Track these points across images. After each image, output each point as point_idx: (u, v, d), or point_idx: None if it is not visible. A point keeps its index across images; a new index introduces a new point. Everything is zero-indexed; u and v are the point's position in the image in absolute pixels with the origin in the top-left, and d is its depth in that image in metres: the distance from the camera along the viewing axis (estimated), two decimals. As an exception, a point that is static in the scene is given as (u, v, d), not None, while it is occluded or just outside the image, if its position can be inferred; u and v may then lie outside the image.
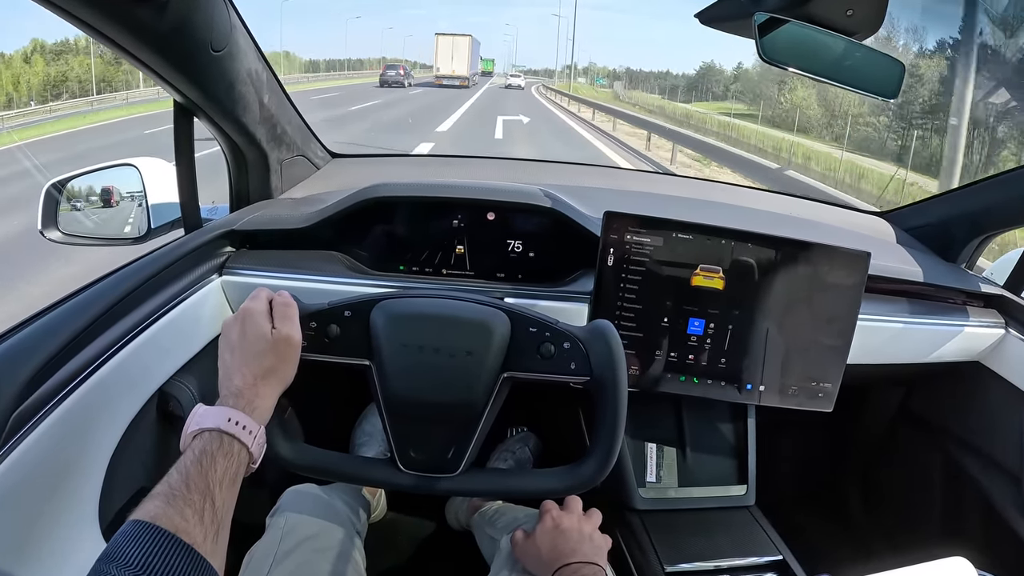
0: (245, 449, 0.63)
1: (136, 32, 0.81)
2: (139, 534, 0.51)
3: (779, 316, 1.00)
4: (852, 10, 0.89)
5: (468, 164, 1.70)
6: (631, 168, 2.05)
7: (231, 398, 0.66)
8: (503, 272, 1.13)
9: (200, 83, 0.96)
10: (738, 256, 0.98)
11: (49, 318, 0.80)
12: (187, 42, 0.88)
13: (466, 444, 0.78)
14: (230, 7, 0.94)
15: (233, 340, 0.71)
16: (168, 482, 0.56)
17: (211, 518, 0.55)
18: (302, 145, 1.33)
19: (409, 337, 0.75)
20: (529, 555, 0.87)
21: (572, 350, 0.75)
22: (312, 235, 1.10)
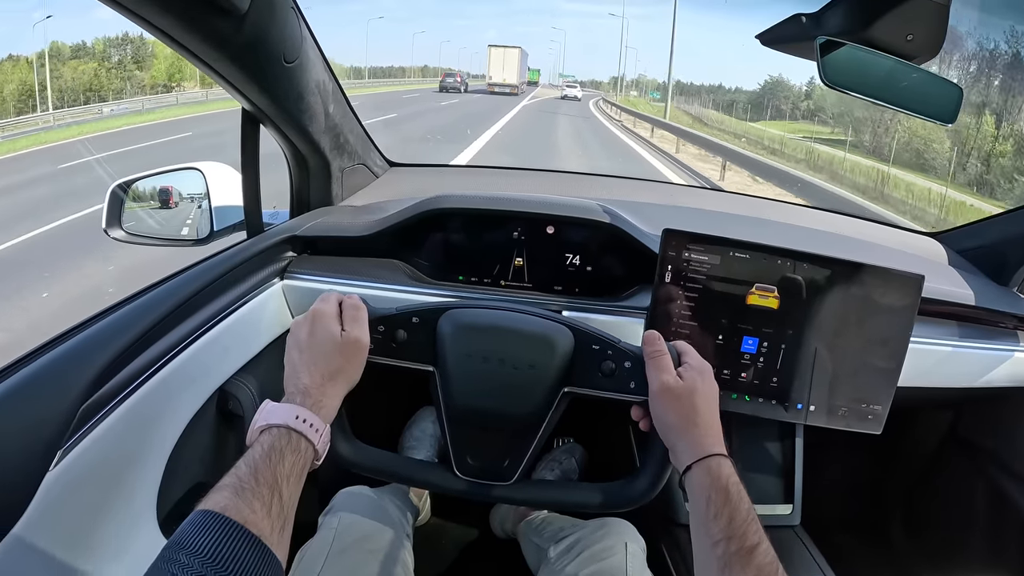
0: (311, 446, 0.64)
1: (215, 44, 0.84)
2: (209, 524, 0.52)
3: (831, 336, 1.00)
4: (912, 35, 0.89)
5: (524, 176, 1.71)
6: (683, 183, 2.05)
7: (299, 396, 0.67)
8: (560, 285, 1.14)
9: (271, 93, 0.98)
10: (793, 275, 0.98)
11: (120, 314, 0.83)
12: (262, 54, 0.91)
13: (522, 454, 0.80)
14: (301, 20, 0.96)
15: (302, 339, 0.72)
16: (236, 474, 0.57)
17: (278, 511, 0.56)
18: (363, 154, 1.36)
19: (475, 347, 0.77)
20: (676, 408, 0.71)
21: (633, 369, 0.76)
22: (373, 243, 1.12)
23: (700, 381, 0.72)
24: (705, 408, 0.70)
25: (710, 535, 0.62)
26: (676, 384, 0.71)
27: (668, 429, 0.71)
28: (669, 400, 0.71)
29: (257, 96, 0.98)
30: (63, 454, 0.69)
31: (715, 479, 0.65)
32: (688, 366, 0.73)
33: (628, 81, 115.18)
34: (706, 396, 0.71)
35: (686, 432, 0.69)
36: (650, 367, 0.73)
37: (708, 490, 0.64)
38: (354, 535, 0.95)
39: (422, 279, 1.14)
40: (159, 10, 0.74)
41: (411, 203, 1.11)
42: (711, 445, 0.68)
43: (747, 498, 0.64)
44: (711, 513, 0.63)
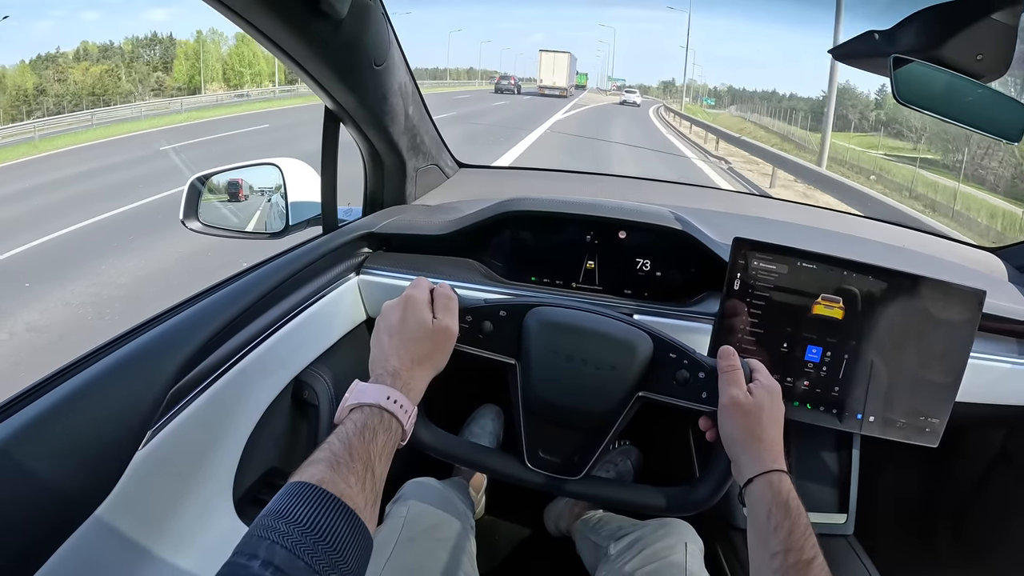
0: (400, 427, 0.66)
1: (312, 44, 0.87)
2: (308, 494, 0.53)
3: (892, 349, 1.01)
4: (982, 55, 0.91)
5: (591, 181, 1.73)
6: (746, 192, 2.06)
7: (388, 377, 0.68)
8: (630, 289, 1.16)
9: (358, 93, 1.02)
10: (858, 287, 1.00)
11: (207, 303, 0.86)
12: (354, 56, 0.94)
13: (592, 452, 0.82)
14: (390, 25, 1.00)
15: (393, 323, 0.74)
16: (330, 449, 0.58)
17: (371, 487, 0.58)
18: (436, 155, 1.39)
19: (558, 344, 0.80)
20: (743, 423, 0.73)
21: (706, 380, 0.78)
22: (448, 242, 1.15)
23: (768, 400, 0.74)
24: (770, 426, 0.73)
25: (769, 546, 0.64)
26: (745, 400, 0.73)
27: (733, 442, 0.73)
28: (737, 414, 0.73)
29: (344, 96, 1.01)
30: (152, 435, 0.72)
31: (776, 493, 0.67)
32: (759, 384, 0.76)
33: (677, 87, 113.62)
34: (772, 415, 0.74)
35: (750, 446, 0.72)
36: (723, 380, 0.76)
37: (769, 503, 0.67)
38: (423, 524, 0.97)
39: (496, 279, 1.16)
40: (262, 12, 0.77)
41: (485, 204, 1.14)
42: (773, 460, 0.70)
43: (805, 514, 0.66)
44: (771, 525, 0.65)
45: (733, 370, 0.76)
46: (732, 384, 0.75)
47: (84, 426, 0.65)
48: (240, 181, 1.28)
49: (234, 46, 34.16)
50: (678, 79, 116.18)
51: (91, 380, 0.68)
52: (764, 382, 0.76)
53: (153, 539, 0.75)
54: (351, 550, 0.52)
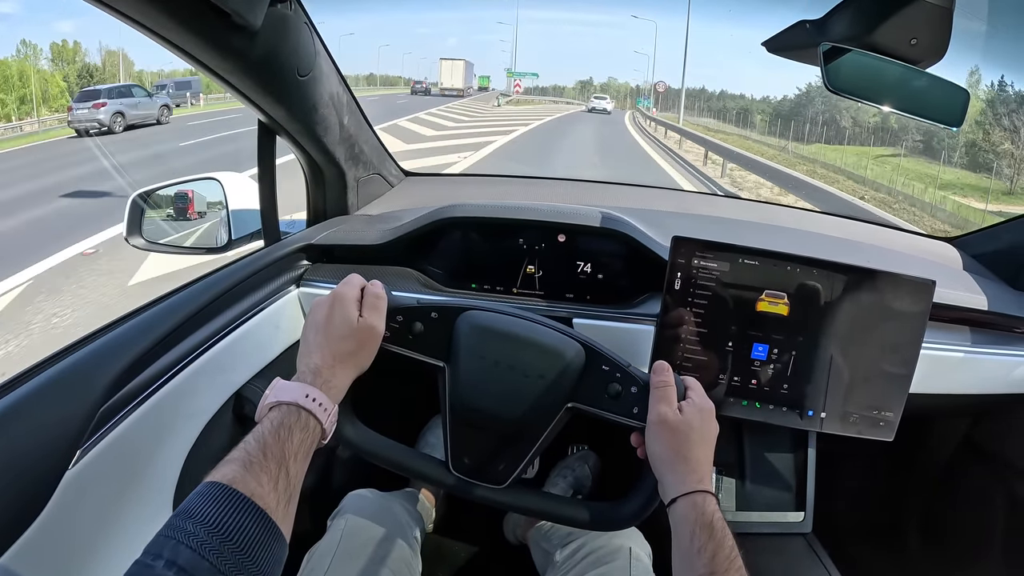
0: (319, 425, 0.65)
1: (229, 57, 0.86)
2: (216, 495, 0.53)
3: (842, 343, 0.99)
4: (916, 39, 0.90)
5: (537, 185, 1.72)
6: (695, 191, 2.03)
7: (309, 375, 0.68)
8: (572, 293, 1.15)
9: (286, 105, 1.01)
10: (803, 282, 0.98)
11: (140, 319, 0.85)
12: (276, 67, 0.93)
13: (517, 461, 0.81)
14: (314, 34, 0.99)
15: (319, 320, 0.73)
16: (245, 448, 0.58)
17: (284, 487, 0.57)
18: (378, 164, 1.38)
19: (488, 349, 0.79)
20: (669, 441, 0.71)
21: (638, 395, 0.77)
22: (387, 251, 1.14)
23: (699, 419, 0.73)
24: (698, 445, 0.71)
25: (693, 569, 0.63)
26: (674, 418, 0.72)
27: (658, 460, 0.72)
28: (664, 432, 0.72)
29: (272, 108, 1.00)
30: (82, 454, 0.71)
31: (700, 514, 0.66)
32: (691, 402, 0.74)
33: (596, 85, 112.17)
34: (702, 434, 0.72)
35: (675, 466, 0.70)
36: (653, 396, 0.75)
37: (693, 524, 0.65)
38: (360, 538, 0.96)
39: (436, 287, 1.15)
40: (173, 25, 0.76)
41: (424, 212, 1.13)
42: (698, 481, 0.69)
43: (731, 536, 0.65)
44: (695, 547, 0.63)
45: (664, 386, 0.75)
46: (661, 401, 0.74)
47: (10, 447, 0.64)
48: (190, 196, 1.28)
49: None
50: (597, 80, 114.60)
51: (17, 402, 0.67)
52: (697, 400, 0.75)
53: (88, 559, 0.74)
54: (260, 551, 0.52)
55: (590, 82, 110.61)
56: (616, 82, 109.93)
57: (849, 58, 0.91)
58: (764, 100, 54.26)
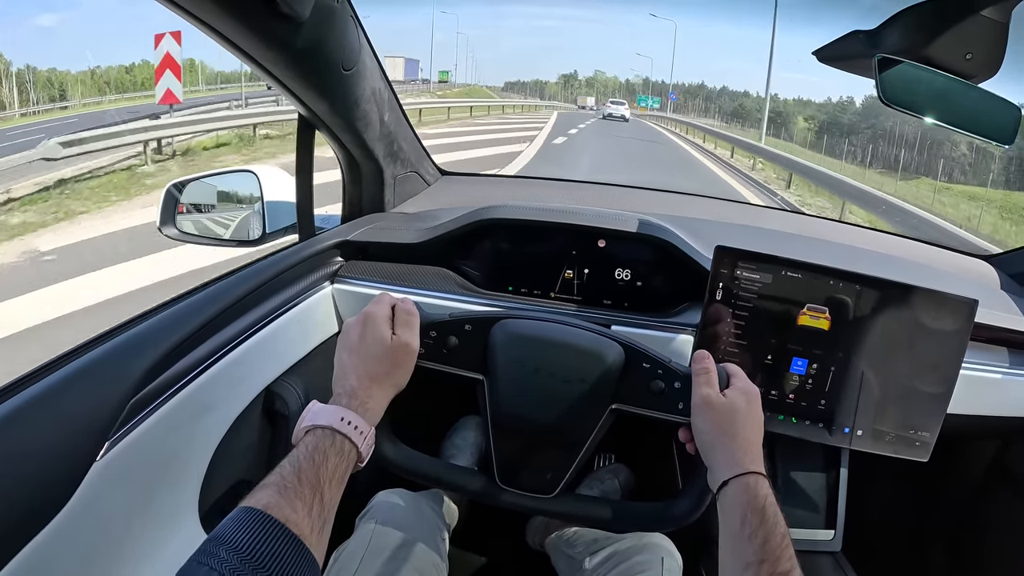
0: (355, 448, 0.64)
1: (274, 48, 0.85)
2: (250, 521, 0.52)
3: (881, 360, 0.98)
4: (971, 54, 0.88)
5: (576, 189, 1.71)
6: (735, 200, 2.02)
7: (344, 397, 0.67)
8: (610, 299, 1.13)
9: (328, 99, 1.00)
10: (845, 297, 0.97)
11: (174, 310, 0.84)
12: (320, 60, 0.92)
13: (565, 468, 0.79)
14: (359, 29, 0.98)
15: (352, 341, 0.73)
16: (280, 473, 0.58)
17: (319, 512, 0.57)
18: (415, 162, 1.38)
19: (526, 357, 0.77)
20: (715, 423, 0.70)
21: (682, 390, 0.75)
22: (423, 250, 1.13)
23: (744, 401, 0.71)
24: (745, 426, 0.69)
25: (742, 556, 0.60)
26: (717, 399, 0.71)
27: (705, 443, 0.70)
28: (708, 414, 0.70)
29: (314, 102, 1.00)
30: (110, 445, 0.70)
31: (752, 497, 0.63)
32: (735, 387, 0.73)
33: (582, 80, 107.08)
34: (748, 416, 0.70)
35: (723, 447, 0.68)
36: (695, 382, 0.73)
37: (744, 508, 0.62)
38: (390, 539, 0.95)
39: (472, 288, 1.14)
40: (220, 13, 0.75)
41: (463, 212, 1.13)
42: (749, 463, 0.66)
43: (783, 522, 0.62)
44: (745, 533, 0.61)
45: (706, 371, 0.73)
46: (704, 384, 0.72)
47: (40, 435, 0.64)
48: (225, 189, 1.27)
49: None
50: (583, 74, 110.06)
51: (49, 389, 0.67)
52: (741, 385, 0.73)
53: (112, 550, 0.74)
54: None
55: (574, 76, 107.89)
56: (604, 76, 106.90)
57: (902, 70, 0.89)
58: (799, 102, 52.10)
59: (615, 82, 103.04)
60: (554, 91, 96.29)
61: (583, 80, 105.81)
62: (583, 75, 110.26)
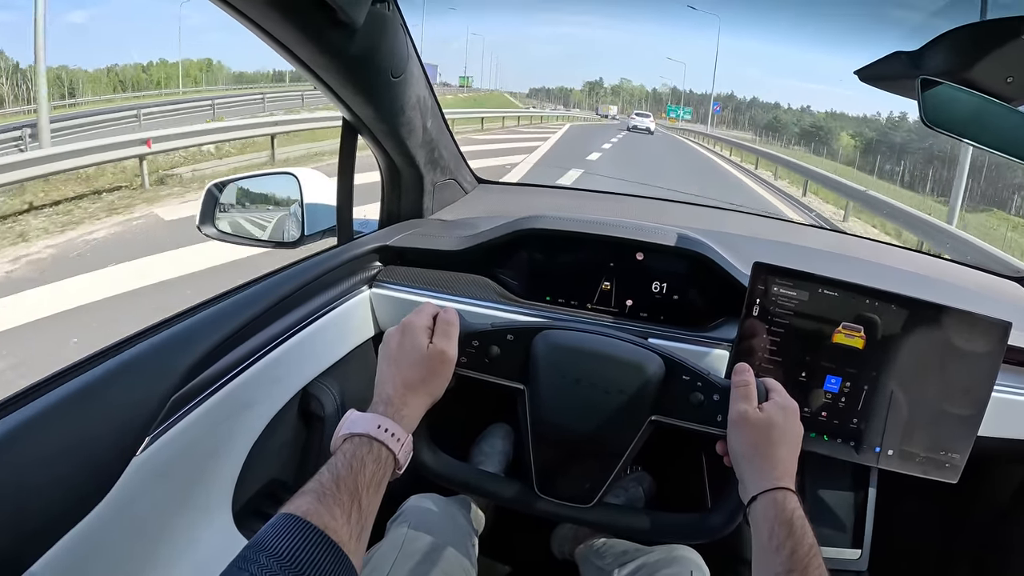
0: (392, 456, 0.65)
1: (327, 54, 0.87)
2: (290, 527, 0.53)
3: (914, 380, 0.98)
4: (1012, 77, 0.89)
5: (613, 201, 1.72)
6: (772, 216, 1.98)
7: (381, 405, 0.69)
8: (646, 312, 1.14)
9: (375, 105, 1.02)
10: (880, 316, 0.97)
11: (216, 309, 0.86)
12: (370, 67, 0.94)
13: (604, 478, 0.80)
14: (408, 36, 1.00)
15: (391, 350, 0.74)
16: (319, 480, 0.59)
17: (357, 519, 0.57)
18: (454, 169, 1.39)
19: (567, 368, 0.78)
20: (750, 438, 0.71)
21: (720, 403, 0.76)
22: (463, 258, 1.14)
23: (781, 416, 0.72)
24: (780, 444, 0.70)
25: (771, 568, 0.61)
26: (754, 415, 0.72)
27: (739, 459, 0.71)
28: (744, 429, 0.71)
29: (361, 107, 1.01)
30: (151, 441, 0.72)
31: (780, 511, 0.64)
32: (773, 402, 0.73)
33: (607, 87, 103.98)
34: (784, 432, 0.71)
35: (755, 463, 0.69)
36: (734, 395, 0.74)
37: (772, 521, 0.64)
38: (423, 543, 0.96)
39: (509, 297, 1.15)
40: (276, 18, 0.77)
41: (502, 221, 1.13)
42: (779, 478, 0.67)
43: (811, 534, 0.63)
44: (773, 545, 0.62)
45: (745, 385, 0.74)
46: (742, 399, 0.73)
47: (82, 428, 0.65)
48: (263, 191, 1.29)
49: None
50: (608, 81, 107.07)
51: (92, 382, 0.68)
52: (780, 400, 0.74)
53: (147, 545, 0.75)
54: None
55: (600, 83, 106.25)
56: (630, 84, 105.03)
57: (944, 92, 0.90)
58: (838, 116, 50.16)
59: (641, 91, 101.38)
60: (579, 98, 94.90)
61: (608, 88, 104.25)
62: (608, 83, 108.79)
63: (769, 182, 15.36)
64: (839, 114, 51.44)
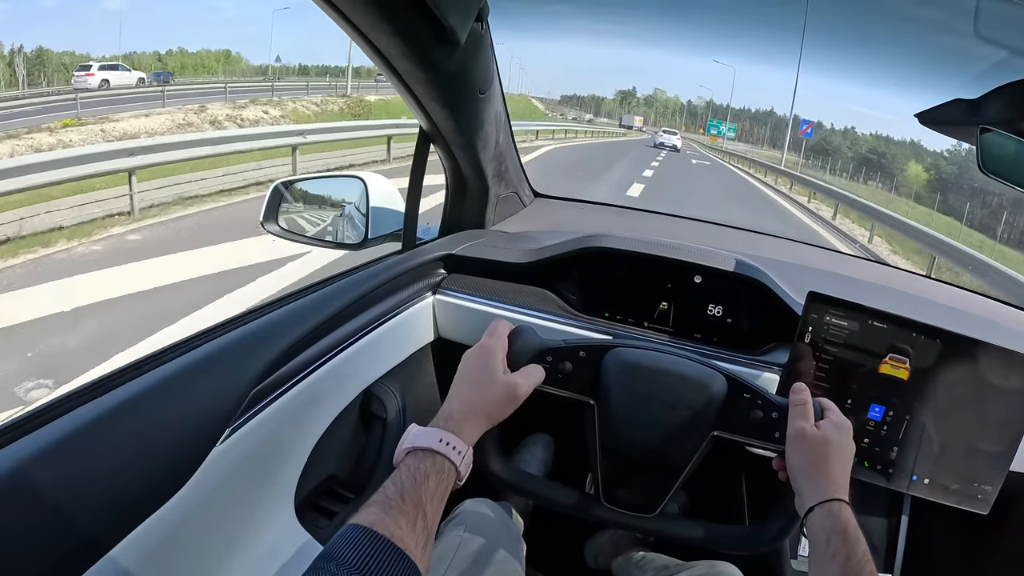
0: (454, 468, 0.67)
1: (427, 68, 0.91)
2: (358, 537, 0.55)
3: (952, 413, 1.01)
4: (1068, 129, 0.93)
5: (670, 222, 1.75)
6: (822, 247, 2.02)
7: (443, 419, 0.71)
8: (700, 333, 1.18)
9: (458, 118, 1.05)
10: (925, 350, 1.01)
11: (291, 307, 0.89)
12: (462, 82, 0.98)
13: (667, 489, 0.84)
14: (494, 55, 1.04)
15: (466, 370, 0.77)
16: (385, 493, 0.61)
17: (422, 528, 0.60)
18: (516, 183, 1.43)
19: (636, 385, 0.82)
20: (807, 454, 0.75)
21: (778, 420, 0.80)
22: (526, 271, 1.18)
23: (835, 434, 0.76)
24: (835, 460, 0.74)
25: (827, 573, 0.65)
26: (811, 432, 0.76)
27: (797, 473, 0.75)
28: (801, 445, 0.75)
29: (444, 119, 1.05)
30: (231, 432, 0.74)
31: (835, 521, 0.68)
32: (828, 420, 0.78)
33: (640, 98, 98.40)
34: (838, 448, 0.75)
35: (812, 478, 0.73)
36: (792, 413, 0.78)
37: (828, 531, 0.68)
38: (478, 545, 0.99)
39: (570, 311, 1.18)
40: (384, 29, 0.80)
41: (563, 236, 1.17)
42: (835, 491, 0.72)
43: (864, 542, 0.67)
44: (829, 553, 0.66)
45: (803, 404, 0.78)
46: (800, 417, 0.77)
47: (168, 415, 0.68)
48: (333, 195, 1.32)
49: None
50: (642, 92, 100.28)
51: (176, 372, 0.71)
52: (835, 419, 0.78)
53: (218, 534, 0.77)
54: None
55: (632, 93, 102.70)
56: (664, 95, 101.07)
57: (1002, 142, 0.94)
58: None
59: (676, 102, 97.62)
60: (610, 107, 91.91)
61: (641, 98, 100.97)
62: (642, 92, 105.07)
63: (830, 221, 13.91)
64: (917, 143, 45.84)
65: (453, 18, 0.80)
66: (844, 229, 13.43)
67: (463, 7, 0.83)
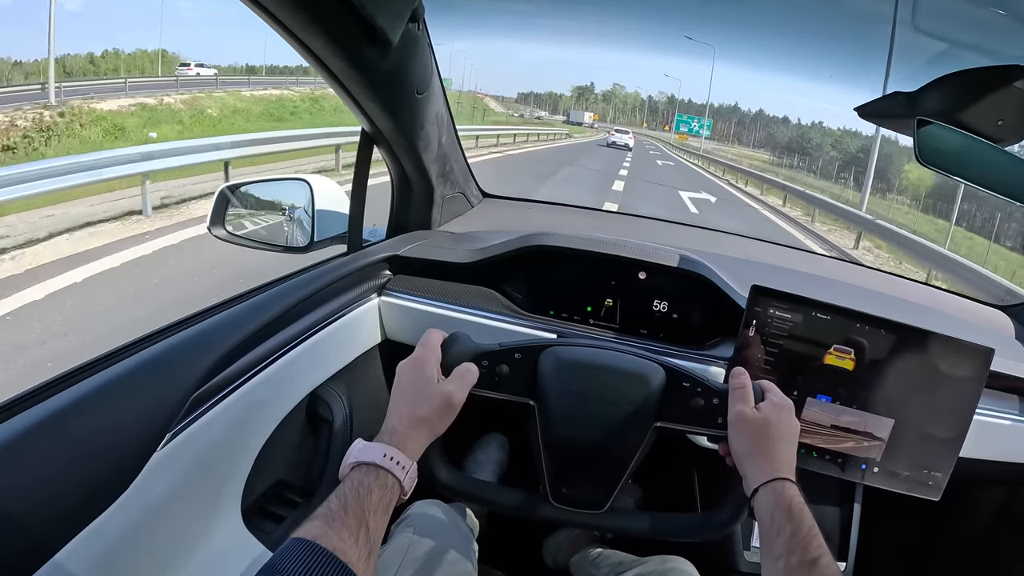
0: (398, 483, 0.68)
1: (362, 69, 0.90)
2: (302, 551, 0.55)
3: (900, 402, 1.02)
4: (1003, 120, 0.94)
5: (615, 220, 1.75)
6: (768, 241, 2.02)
7: (387, 435, 0.71)
8: (646, 329, 1.18)
9: (397, 119, 1.04)
10: (870, 340, 1.01)
11: (233, 311, 0.88)
12: (398, 83, 0.97)
13: (613, 485, 0.83)
14: (433, 55, 1.03)
15: (403, 383, 0.76)
16: (328, 506, 0.61)
17: (365, 541, 0.60)
18: (463, 184, 1.42)
19: (574, 383, 0.81)
20: (749, 437, 0.75)
21: (720, 406, 0.80)
22: (471, 271, 1.17)
23: (776, 415, 0.76)
24: (777, 440, 0.74)
25: (773, 551, 0.65)
26: (752, 414, 0.76)
27: (741, 457, 0.75)
28: (743, 428, 0.75)
29: (383, 120, 1.04)
30: (171, 437, 0.73)
31: (779, 499, 0.69)
32: (769, 401, 0.78)
33: (599, 94, 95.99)
34: (780, 428, 0.75)
35: (755, 459, 0.74)
36: (731, 398, 0.78)
37: (772, 509, 0.68)
38: (427, 547, 0.98)
39: (515, 310, 1.18)
40: (315, 31, 0.79)
41: (511, 236, 1.16)
42: (778, 470, 0.72)
43: (810, 516, 0.67)
44: (774, 530, 0.66)
45: (741, 387, 0.79)
46: (739, 401, 0.77)
47: (107, 422, 0.67)
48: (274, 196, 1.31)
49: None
50: (598, 85, 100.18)
51: (117, 377, 0.70)
52: (775, 400, 0.78)
53: (164, 538, 0.76)
54: None
55: (590, 89, 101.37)
56: (623, 91, 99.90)
57: (937, 132, 0.95)
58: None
59: (635, 98, 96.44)
60: (568, 104, 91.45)
61: (600, 94, 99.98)
62: (600, 88, 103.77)
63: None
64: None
65: (383, 19, 0.79)
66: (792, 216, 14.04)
67: (394, 8, 0.83)
